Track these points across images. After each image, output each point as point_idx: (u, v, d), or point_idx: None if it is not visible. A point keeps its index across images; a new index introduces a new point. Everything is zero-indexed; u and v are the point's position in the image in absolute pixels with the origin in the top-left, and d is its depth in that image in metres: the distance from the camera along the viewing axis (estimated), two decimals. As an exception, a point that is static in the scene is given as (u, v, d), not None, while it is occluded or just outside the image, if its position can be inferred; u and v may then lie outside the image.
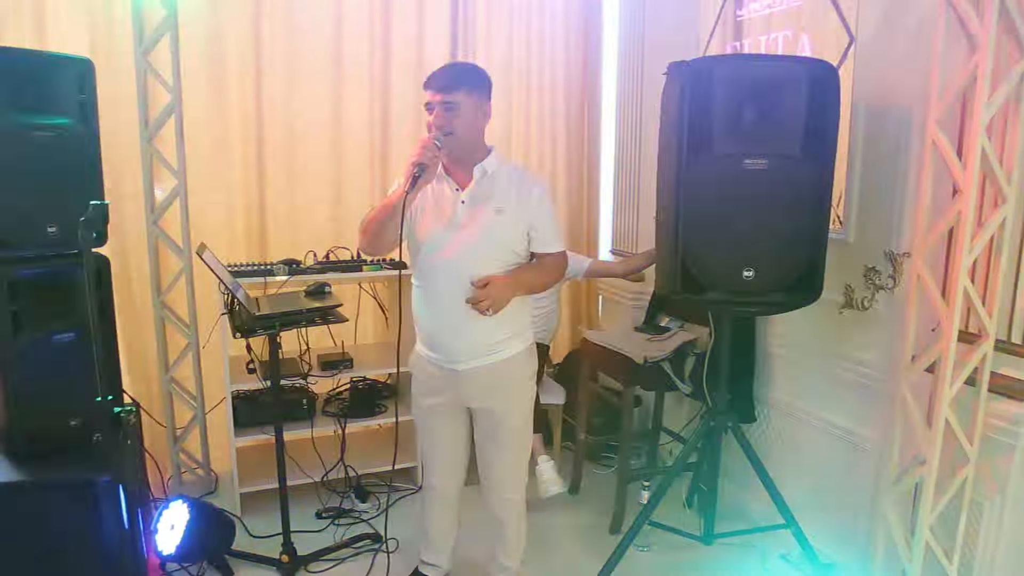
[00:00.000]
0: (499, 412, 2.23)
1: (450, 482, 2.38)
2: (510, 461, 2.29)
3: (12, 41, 2.85)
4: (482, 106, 2.10)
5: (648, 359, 2.74)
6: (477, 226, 2.09)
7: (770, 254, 2.16)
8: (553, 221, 2.21)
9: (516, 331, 2.20)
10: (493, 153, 2.17)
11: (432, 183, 2.12)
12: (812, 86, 2.07)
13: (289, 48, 3.26)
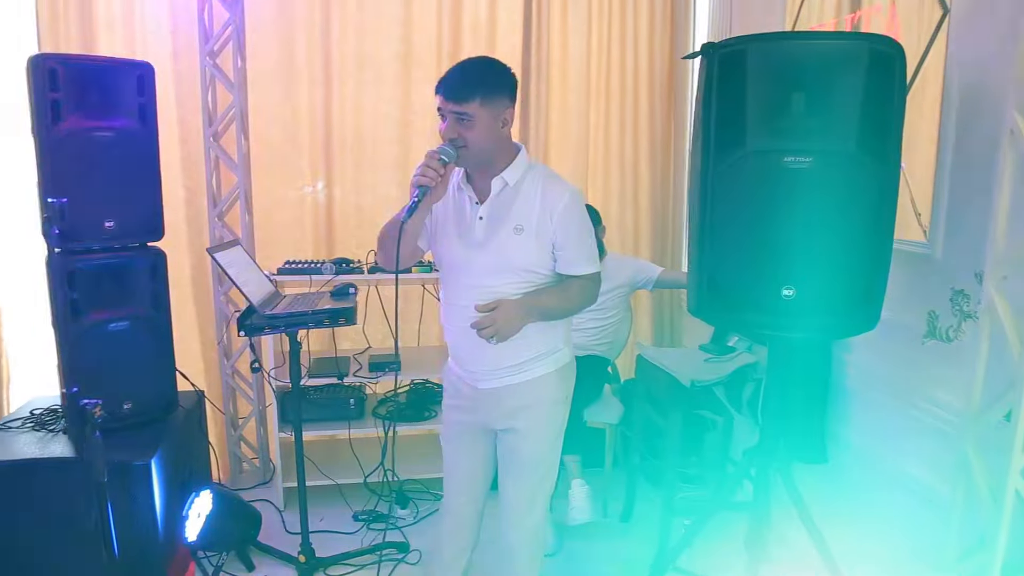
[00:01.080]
0: (521, 435, 2.03)
1: (465, 503, 2.20)
2: (528, 486, 2.08)
3: (106, 50, 3.09)
4: (501, 114, 1.87)
5: (695, 382, 2.44)
6: (495, 246, 1.91)
7: (815, 269, 1.80)
8: (581, 239, 1.94)
9: (545, 351, 2.00)
10: (518, 159, 1.95)
11: (452, 192, 1.99)
12: (872, 67, 1.69)
13: (359, 49, 3.28)
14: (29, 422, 2.71)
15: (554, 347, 2.02)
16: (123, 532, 2.45)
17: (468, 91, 1.81)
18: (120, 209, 2.60)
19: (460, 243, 1.96)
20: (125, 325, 2.64)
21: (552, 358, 2.01)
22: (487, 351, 1.94)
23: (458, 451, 2.16)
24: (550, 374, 2.01)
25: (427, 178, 1.80)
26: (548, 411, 2.03)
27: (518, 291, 1.93)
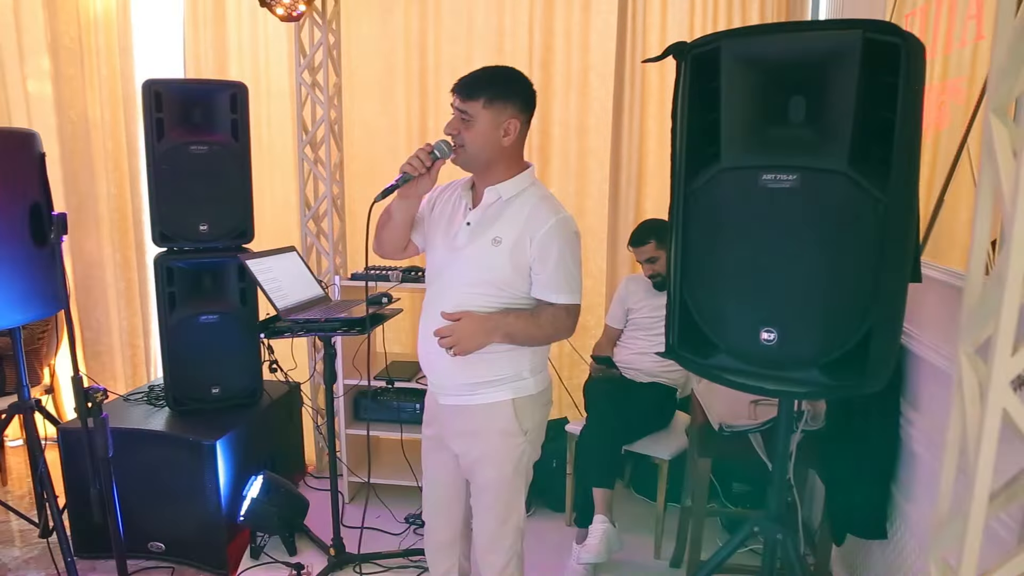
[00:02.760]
0: (472, 462, 1.95)
1: (441, 524, 2.14)
2: (490, 517, 1.98)
3: (235, 72, 3.47)
4: (504, 122, 1.82)
5: (725, 427, 2.13)
6: (471, 253, 1.86)
7: (800, 311, 1.50)
8: (559, 266, 1.82)
9: (506, 376, 1.89)
10: (522, 175, 1.89)
11: (454, 196, 1.98)
12: (869, 63, 1.34)
13: (452, 59, 3.33)
14: (145, 397, 3.15)
15: (517, 374, 1.90)
16: (190, 501, 2.79)
17: (474, 90, 1.81)
18: (213, 214, 2.89)
19: (443, 245, 1.94)
20: (215, 318, 2.94)
21: (512, 386, 1.89)
22: (444, 362, 1.89)
23: (431, 469, 2.12)
24: (505, 403, 1.89)
25: (411, 166, 1.83)
26: (499, 442, 1.91)
27: (489, 306, 1.85)
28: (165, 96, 2.77)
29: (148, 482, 2.80)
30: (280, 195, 3.58)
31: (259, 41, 3.45)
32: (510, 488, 1.95)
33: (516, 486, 1.96)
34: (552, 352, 3.42)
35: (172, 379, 2.96)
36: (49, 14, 3.63)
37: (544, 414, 2.01)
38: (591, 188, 3.38)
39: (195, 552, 2.83)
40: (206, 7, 3.47)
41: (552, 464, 3.10)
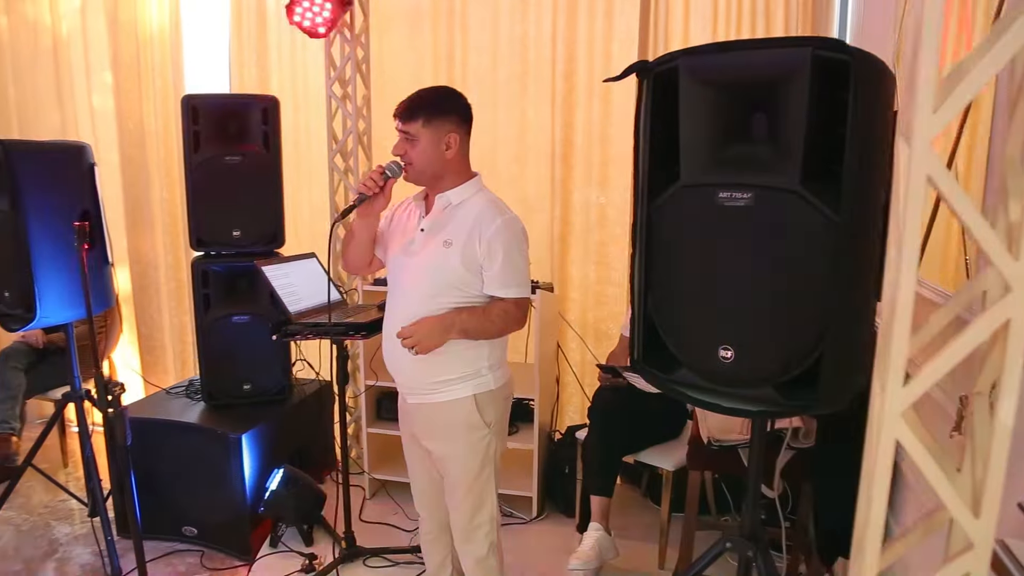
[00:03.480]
0: (440, 457, 2.08)
1: (428, 516, 2.27)
2: (463, 510, 2.10)
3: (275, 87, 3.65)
4: (444, 137, 1.96)
5: (714, 441, 2.13)
6: (425, 256, 1.99)
7: (755, 329, 1.50)
8: (506, 263, 1.94)
9: (466, 373, 2.01)
10: (470, 183, 2.03)
11: (409, 206, 2.12)
12: (818, 81, 1.34)
13: (478, 69, 3.40)
14: (185, 391, 3.35)
15: (476, 371, 2.01)
16: (219, 490, 2.96)
17: (413, 112, 1.95)
18: (246, 220, 3.07)
19: (400, 252, 2.07)
20: (247, 319, 3.11)
21: (473, 382, 2.00)
22: (407, 363, 2.01)
23: (412, 465, 2.24)
24: (467, 398, 2.00)
25: (365, 187, 1.99)
26: (465, 436, 2.02)
27: (445, 306, 1.97)
28: (202, 110, 2.95)
29: (183, 470, 2.98)
30: (317, 201, 3.74)
31: (297, 55, 3.63)
32: (479, 480, 2.05)
33: (485, 477, 2.05)
34: (574, 360, 3.48)
35: (206, 375, 3.15)
36: (112, 33, 3.91)
37: (505, 407, 2.12)
38: (613, 196, 3.40)
39: (223, 538, 2.99)
40: (250, 24, 3.67)
41: (565, 470, 3.14)
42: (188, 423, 3.01)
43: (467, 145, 2.04)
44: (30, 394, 3.85)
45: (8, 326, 3.04)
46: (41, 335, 3.86)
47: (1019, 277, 0.87)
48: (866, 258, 1.46)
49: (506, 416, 2.13)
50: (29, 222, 2.78)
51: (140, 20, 3.86)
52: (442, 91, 2.05)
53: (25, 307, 2.87)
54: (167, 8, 3.81)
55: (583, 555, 2.50)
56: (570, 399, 3.55)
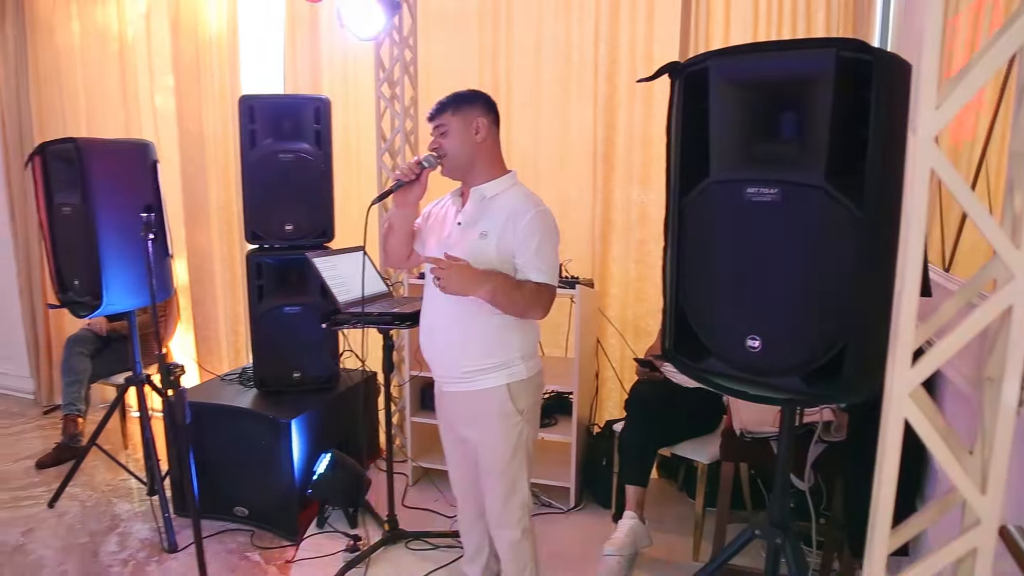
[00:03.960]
0: (475, 443, 2.17)
1: (465, 501, 2.36)
2: (496, 495, 2.18)
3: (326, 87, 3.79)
4: (473, 122, 2.08)
5: (746, 433, 2.17)
6: (463, 248, 2.08)
7: (782, 320, 1.56)
8: (538, 250, 2.02)
9: (498, 363, 2.09)
10: (504, 178, 2.13)
11: (446, 203, 2.22)
12: (842, 80, 1.40)
13: (522, 71, 3.49)
14: (238, 378, 3.51)
15: (508, 360, 2.09)
16: (269, 472, 3.10)
17: (441, 108, 2.10)
18: (298, 215, 3.20)
19: (437, 244, 2.16)
20: (297, 310, 3.25)
21: (505, 371, 2.08)
22: (444, 353, 2.11)
23: (449, 452, 2.34)
24: (500, 387, 2.08)
25: (402, 173, 2.11)
26: (498, 424, 2.09)
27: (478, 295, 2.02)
28: (257, 109, 3.10)
29: (235, 453, 3.13)
30: (364, 198, 3.87)
31: (348, 58, 3.76)
32: (511, 466, 2.12)
33: (517, 464, 2.13)
34: (613, 355, 3.53)
35: (258, 363, 3.30)
36: (174, 37, 4.11)
37: (537, 396, 2.19)
38: (654, 195, 3.44)
39: (272, 518, 3.13)
40: (303, 29, 3.82)
41: (602, 462, 3.20)
42: (241, 408, 3.16)
43: (497, 137, 2.14)
44: (94, 379, 4.07)
45: (77, 312, 3.25)
46: (105, 323, 4.08)
47: (1022, 265, 0.92)
48: (890, 252, 1.49)
49: (538, 405, 2.20)
50: (98, 215, 2.97)
51: (200, 24, 4.05)
52: (466, 90, 2.17)
53: (93, 295, 3.06)
54: (225, 13, 3.98)
55: (617, 541, 2.57)
56: (609, 394, 3.61)
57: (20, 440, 4.39)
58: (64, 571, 2.94)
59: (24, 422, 4.70)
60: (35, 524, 3.31)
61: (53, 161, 3.07)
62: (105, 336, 4.09)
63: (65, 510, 3.45)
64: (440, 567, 2.75)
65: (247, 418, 3.13)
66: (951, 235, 2.02)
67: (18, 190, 4.69)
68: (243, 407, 3.17)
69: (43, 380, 4.95)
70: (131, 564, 2.98)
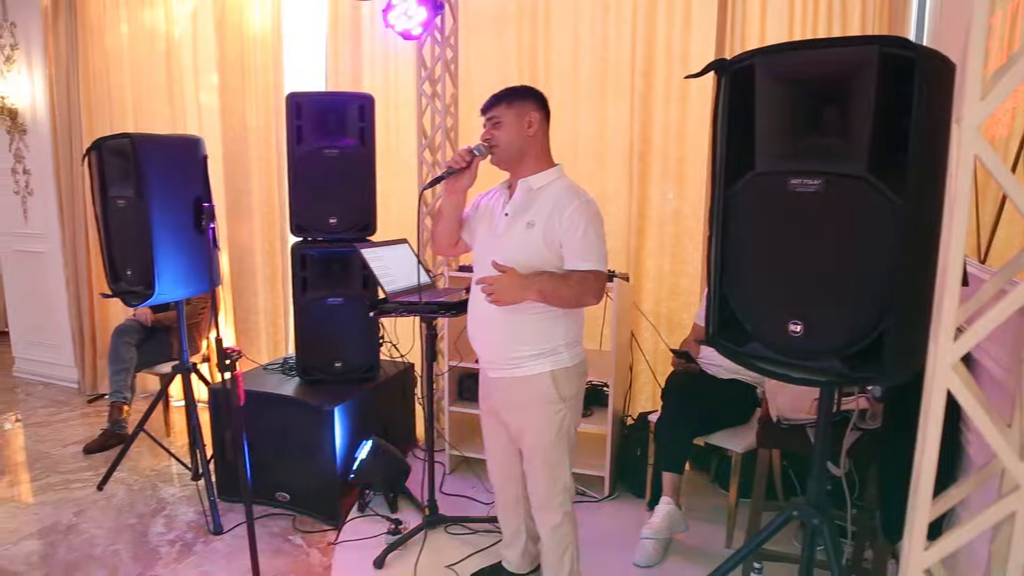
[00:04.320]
0: (519, 429, 2.24)
1: (504, 486, 2.43)
2: (539, 481, 2.25)
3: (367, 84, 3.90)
4: (526, 115, 2.16)
5: (783, 420, 2.23)
6: (510, 238, 2.16)
7: (824, 306, 1.62)
8: (584, 238, 2.08)
9: (543, 351, 2.15)
10: (550, 171, 2.20)
11: (495, 195, 2.29)
12: (885, 76, 1.46)
13: (561, 69, 3.57)
14: (280, 368, 3.62)
15: (552, 348, 2.14)
16: (311, 459, 3.19)
17: (496, 100, 2.19)
18: (342, 209, 3.30)
19: (486, 234, 2.24)
20: (340, 301, 3.35)
21: (550, 359, 2.14)
22: (490, 340, 2.18)
23: (489, 437, 2.41)
24: (544, 374, 2.14)
25: (454, 161, 2.19)
26: (541, 409, 2.16)
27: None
28: (304, 106, 3.20)
29: (279, 440, 3.23)
30: (405, 194, 3.98)
31: (389, 56, 3.87)
32: (554, 451, 2.19)
33: (560, 449, 2.19)
34: (647, 349, 3.60)
35: (301, 352, 3.40)
36: (219, 36, 4.24)
37: (580, 384, 2.25)
38: (689, 192, 3.50)
39: (313, 503, 3.23)
40: (344, 28, 3.93)
41: (636, 452, 3.27)
42: (285, 396, 3.27)
43: (547, 131, 2.22)
44: (139, 368, 4.21)
45: (128, 302, 3.37)
46: (150, 314, 4.22)
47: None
48: (928, 240, 1.55)
49: (581, 392, 2.26)
50: (151, 208, 3.08)
51: (245, 24, 4.18)
52: (521, 86, 2.26)
53: (145, 284, 3.17)
54: (269, 13, 4.11)
55: (654, 525, 2.64)
56: (643, 387, 3.67)
57: (67, 427, 4.55)
58: (116, 550, 3.06)
59: (69, 410, 4.86)
60: (86, 506, 3.44)
61: (108, 156, 3.18)
62: (150, 327, 4.23)
63: (113, 493, 3.58)
64: (479, 551, 2.83)
65: (291, 406, 3.23)
66: (986, 229, 2.06)
67: (67, 187, 4.85)
68: (287, 395, 3.27)
69: (87, 370, 5.11)
70: (178, 545, 3.10)
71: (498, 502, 2.50)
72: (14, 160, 5.15)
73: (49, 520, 3.31)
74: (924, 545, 1.15)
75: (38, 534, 3.18)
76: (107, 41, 4.62)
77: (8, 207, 5.26)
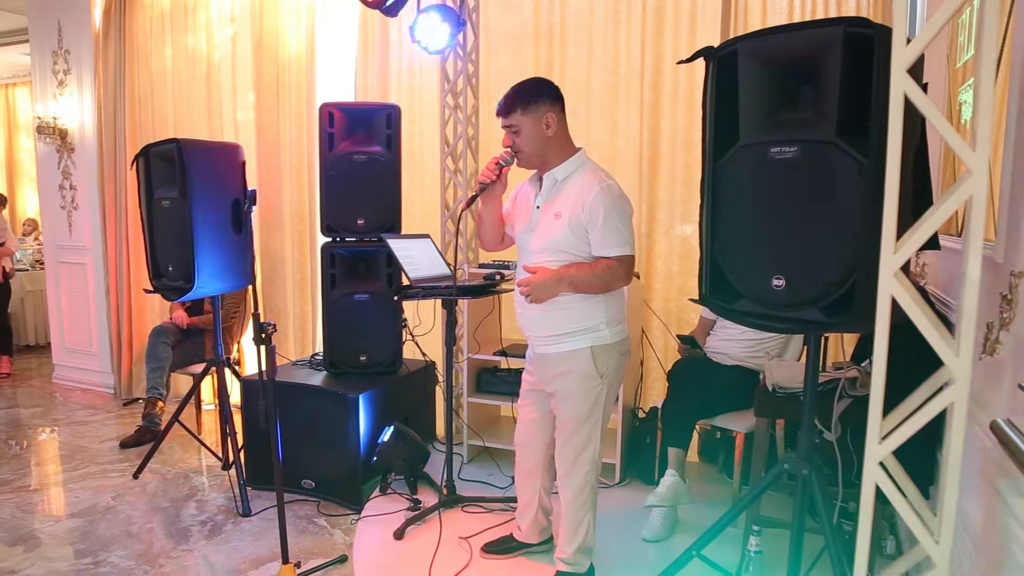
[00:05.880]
0: (558, 400, 2.38)
1: (527, 454, 2.58)
2: (569, 447, 2.39)
3: (394, 95, 4.17)
4: (543, 118, 2.29)
5: (778, 388, 2.37)
6: (542, 229, 2.32)
7: (802, 261, 1.79)
8: (607, 225, 2.22)
9: (584, 328, 2.31)
10: (572, 159, 2.33)
11: (529, 185, 2.46)
12: (849, 52, 1.65)
13: (575, 80, 3.80)
14: (308, 363, 3.83)
15: (593, 326, 2.29)
16: (336, 446, 3.37)
17: (510, 107, 2.31)
18: (369, 211, 3.52)
19: (522, 227, 2.41)
20: (366, 297, 3.55)
21: (590, 335, 2.29)
22: (535, 319, 2.34)
23: (525, 406, 2.56)
24: (583, 349, 2.29)
25: (485, 176, 2.35)
26: (580, 383, 2.30)
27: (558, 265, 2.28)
28: (336, 115, 3.46)
29: (305, 430, 3.41)
30: (427, 200, 4.21)
31: (415, 71, 4.14)
32: (588, 423, 2.34)
33: (593, 422, 2.34)
34: (657, 346, 3.75)
35: (329, 346, 3.60)
36: (256, 58, 4.55)
37: (621, 361, 2.38)
38: (696, 195, 3.64)
39: (337, 489, 3.40)
40: (374, 46, 4.22)
41: (646, 440, 3.41)
42: (312, 385, 3.46)
43: (564, 122, 2.36)
44: (174, 368, 4.44)
45: (169, 297, 3.61)
46: (186, 317, 4.47)
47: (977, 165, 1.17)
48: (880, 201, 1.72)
49: (620, 370, 2.40)
50: (194, 208, 3.32)
51: (281, 46, 4.49)
52: (529, 82, 2.38)
53: (185, 279, 3.41)
54: (304, 35, 4.42)
55: (659, 494, 2.78)
56: (653, 383, 3.82)
57: (104, 426, 4.78)
58: (151, 528, 3.25)
59: (106, 412, 5.10)
60: (122, 491, 3.64)
61: (155, 160, 3.45)
62: (185, 329, 4.47)
63: (148, 481, 3.78)
64: (494, 526, 2.97)
65: (318, 394, 3.42)
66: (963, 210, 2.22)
67: (110, 201, 5.16)
68: (314, 384, 3.47)
69: (123, 376, 5.36)
70: (209, 525, 3.28)
71: (517, 470, 2.65)
72: (62, 177, 5.49)
73: (89, 502, 3.51)
74: (879, 440, 1.31)
75: (79, 514, 3.38)
76: (152, 64, 4.97)
77: (55, 221, 5.59)
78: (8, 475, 3.89)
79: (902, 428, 1.28)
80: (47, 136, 5.41)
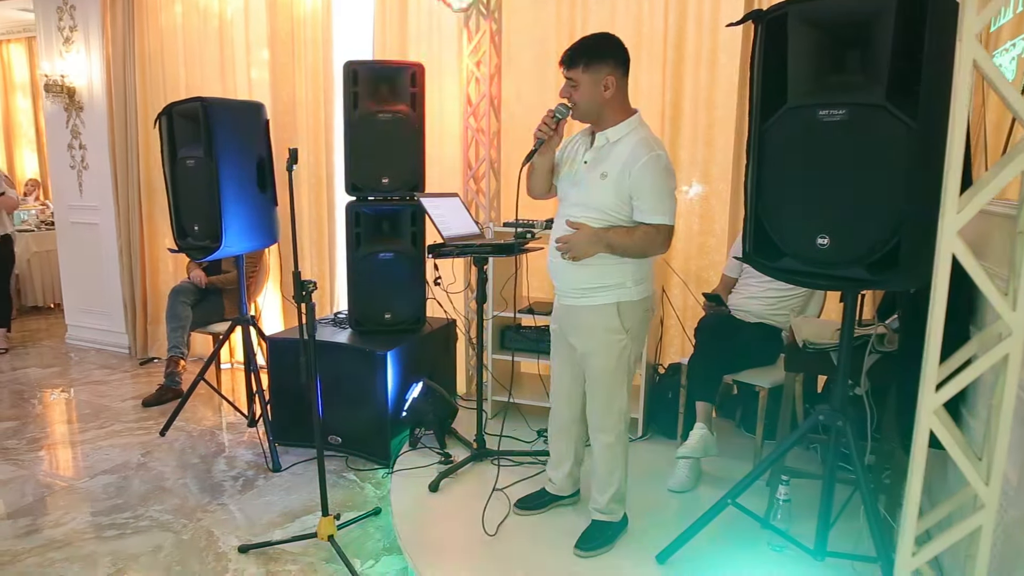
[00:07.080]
0: (583, 352, 2.45)
1: (563, 405, 2.65)
2: (598, 400, 2.47)
3: (412, 54, 4.15)
4: (602, 80, 2.28)
5: (808, 344, 2.45)
6: (586, 186, 2.35)
7: (847, 220, 1.85)
8: (652, 193, 2.25)
9: (611, 284, 2.36)
10: (627, 121, 2.34)
11: (580, 139, 2.47)
12: (901, 17, 1.69)
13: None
14: (331, 321, 3.88)
15: (620, 282, 2.35)
16: (364, 402, 3.44)
17: (574, 60, 2.30)
18: (393, 169, 3.53)
19: (567, 179, 2.44)
20: (391, 256, 3.59)
21: (616, 291, 2.35)
22: (565, 272, 2.39)
23: (555, 359, 2.63)
24: (609, 305, 2.35)
25: (541, 132, 2.36)
26: (604, 336, 2.37)
27: (596, 224, 2.32)
28: (360, 74, 3.45)
29: (331, 387, 3.45)
30: (448, 159, 4.22)
31: (434, 29, 4.11)
32: (614, 377, 2.41)
33: (619, 376, 2.41)
34: (677, 304, 3.82)
35: (354, 304, 3.65)
36: (271, 15, 4.50)
37: (645, 318, 2.45)
38: (717, 155, 3.72)
39: (365, 445, 3.48)
40: (392, 4, 4.18)
41: (667, 396, 3.50)
42: (340, 343, 3.52)
43: (625, 85, 2.35)
44: (194, 327, 4.49)
45: (194, 256, 3.64)
46: (204, 277, 4.50)
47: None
48: (939, 158, 1.75)
49: (645, 326, 2.47)
50: (220, 166, 3.33)
51: (296, 2, 4.44)
52: (600, 38, 2.35)
53: (212, 238, 3.43)
54: (320, -9, 4.37)
55: (689, 446, 2.87)
56: (672, 340, 3.90)
57: (123, 385, 4.84)
58: (184, 483, 3.33)
59: (123, 371, 5.16)
60: (151, 448, 3.72)
61: (178, 119, 3.45)
62: (204, 288, 4.50)
63: (175, 438, 3.86)
64: (524, 479, 3.07)
65: (345, 351, 3.48)
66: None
67: (121, 160, 5.13)
68: (342, 342, 3.52)
69: (138, 335, 5.40)
70: (241, 480, 3.37)
71: (552, 423, 2.73)
72: (71, 136, 5.45)
73: (119, 459, 3.59)
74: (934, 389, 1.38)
75: (112, 470, 3.46)
76: (162, 20, 4.90)
77: (65, 181, 5.56)
78: (36, 433, 3.96)
79: (958, 378, 1.35)
80: (54, 95, 5.35)
